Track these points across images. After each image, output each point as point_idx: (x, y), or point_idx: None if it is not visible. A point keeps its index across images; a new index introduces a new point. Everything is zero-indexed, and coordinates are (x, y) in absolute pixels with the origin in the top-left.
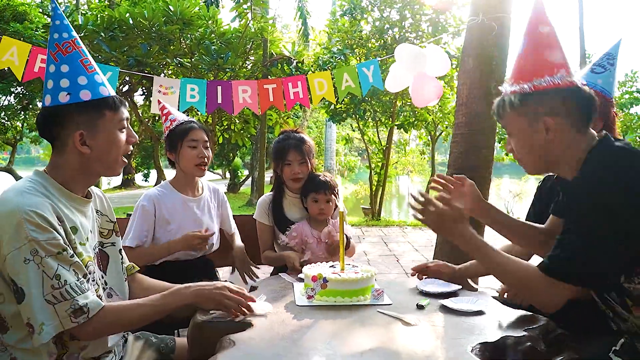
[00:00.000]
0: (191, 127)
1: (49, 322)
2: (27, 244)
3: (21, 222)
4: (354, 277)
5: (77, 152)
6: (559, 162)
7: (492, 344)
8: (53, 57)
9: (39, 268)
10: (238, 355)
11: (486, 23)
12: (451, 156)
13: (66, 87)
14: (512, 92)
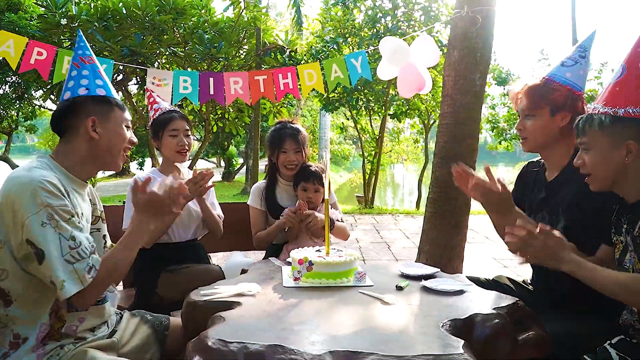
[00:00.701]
0: (172, 117)
1: (70, 279)
2: (44, 209)
3: (36, 190)
4: (337, 261)
5: (87, 138)
6: (625, 183)
7: (462, 320)
8: (76, 65)
9: (55, 231)
10: (227, 330)
11: (471, 16)
12: (437, 145)
13: (85, 84)
14: (603, 112)
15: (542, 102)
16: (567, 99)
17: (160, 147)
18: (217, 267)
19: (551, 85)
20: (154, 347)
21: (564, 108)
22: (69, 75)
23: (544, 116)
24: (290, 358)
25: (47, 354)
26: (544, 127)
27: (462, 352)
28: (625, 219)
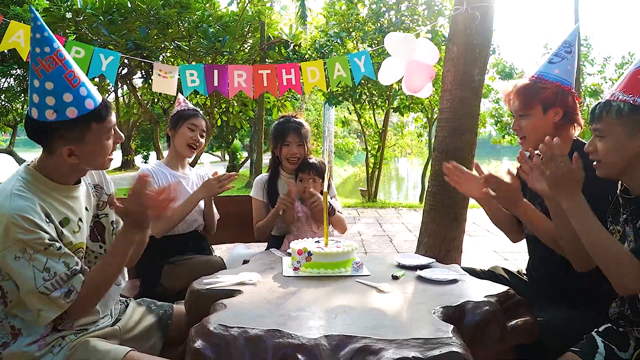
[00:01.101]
0: (195, 114)
1: (46, 308)
2: (15, 244)
3: (9, 225)
4: (336, 251)
5: (64, 160)
6: (633, 173)
7: (453, 307)
8: (37, 73)
9: (29, 264)
10: (228, 316)
11: (470, 12)
12: (436, 139)
13: (52, 105)
14: (622, 100)
15: (533, 101)
16: (557, 95)
17: (174, 137)
18: (219, 259)
19: (540, 83)
20: (156, 334)
21: (555, 104)
22: (31, 85)
23: (537, 114)
24: (288, 342)
25: (48, 344)
26: (538, 124)
27: (451, 336)
28: (626, 210)
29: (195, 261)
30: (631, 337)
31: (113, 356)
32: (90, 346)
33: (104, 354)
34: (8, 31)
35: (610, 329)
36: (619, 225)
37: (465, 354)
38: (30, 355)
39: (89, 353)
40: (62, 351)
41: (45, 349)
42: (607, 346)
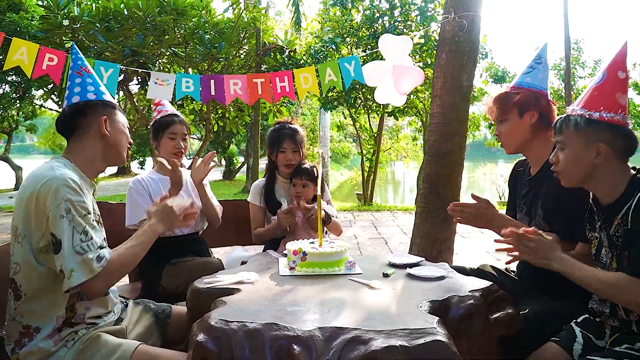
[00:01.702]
0: (172, 121)
1: (79, 269)
2: (64, 203)
3: (59, 186)
4: (329, 251)
5: (99, 136)
6: (595, 181)
7: (439, 301)
8: (78, 74)
9: (70, 224)
10: (228, 312)
11: (458, 21)
12: (427, 143)
13: (92, 90)
14: (579, 114)
15: (509, 105)
16: (531, 98)
17: (158, 147)
18: (218, 260)
19: (514, 90)
20: (155, 333)
21: (530, 107)
22: (73, 82)
23: (514, 118)
24: (285, 334)
25: (62, 339)
26: (516, 127)
27: (435, 327)
28: (599, 218)
29: (195, 262)
30: (607, 326)
31: (125, 350)
32: (102, 340)
33: (116, 346)
34: (11, 49)
35: (587, 320)
36: (595, 232)
37: (448, 342)
38: (46, 350)
39: (101, 346)
40: (76, 345)
41: (60, 343)
42: (584, 335)
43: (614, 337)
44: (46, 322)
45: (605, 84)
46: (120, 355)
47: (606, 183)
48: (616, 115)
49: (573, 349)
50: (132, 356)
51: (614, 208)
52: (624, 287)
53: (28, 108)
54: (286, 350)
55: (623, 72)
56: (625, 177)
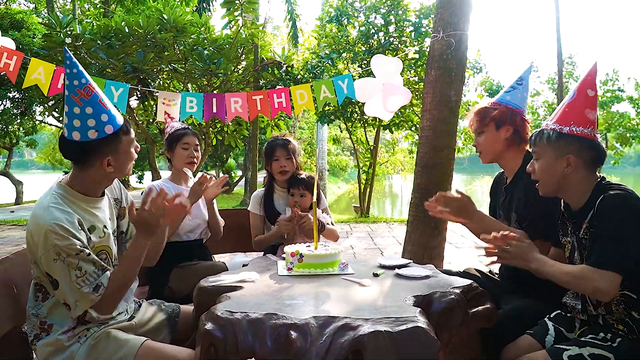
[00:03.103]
0: (185, 133)
1: (80, 300)
2: (52, 249)
3: (47, 233)
4: (324, 253)
5: (102, 170)
6: (567, 190)
7: (422, 296)
8: (76, 101)
9: (64, 264)
10: (232, 304)
11: (446, 40)
12: (418, 155)
13: (93, 125)
14: (552, 128)
15: (487, 119)
16: (507, 115)
17: (173, 158)
18: (222, 263)
19: (493, 106)
20: (165, 330)
21: (506, 122)
22: (71, 112)
23: (491, 131)
24: (283, 322)
25: (76, 335)
26: (492, 140)
27: (417, 316)
28: (570, 223)
29: (201, 265)
30: (577, 320)
31: (132, 345)
32: (111, 336)
33: (124, 342)
34: (30, 68)
35: (559, 315)
36: (568, 237)
37: (428, 329)
38: (61, 343)
39: (111, 342)
40: (88, 341)
41: (73, 339)
42: (556, 328)
43: (582, 329)
44: (64, 322)
45: (575, 101)
46: (127, 350)
47: (576, 191)
48: (585, 129)
49: (545, 341)
50: (139, 350)
51: (581, 213)
52: (587, 275)
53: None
54: (285, 336)
55: (592, 91)
56: (592, 185)
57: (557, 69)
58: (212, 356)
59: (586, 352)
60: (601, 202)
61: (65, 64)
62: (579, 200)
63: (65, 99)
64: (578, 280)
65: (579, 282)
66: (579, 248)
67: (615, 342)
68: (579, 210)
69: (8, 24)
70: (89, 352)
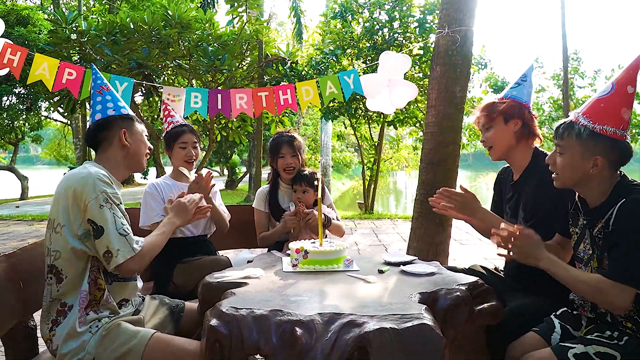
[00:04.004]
0: (182, 131)
1: (123, 248)
2: (101, 194)
3: (95, 180)
4: (329, 249)
5: (120, 146)
6: (586, 187)
7: (428, 293)
8: (99, 92)
9: (110, 211)
10: (237, 301)
11: (451, 36)
12: (423, 151)
13: (111, 106)
14: (583, 124)
15: (495, 113)
16: (515, 108)
17: (171, 156)
18: (226, 258)
19: (500, 100)
20: (170, 325)
21: (514, 116)
22: (95, 101)
23: (500, 124)
24: (288, 319)
25: (87, 323)
26: (501, 133)
27: (423, 313)
28: (584, 217)
29: (205, 260)
30: (584, 318)
31: (142, 336)
32: (122, 328)
33: (135, 333)
34: (34, 64)
35: (565, 312)
36: (577, 228)
37: (434, 326)
38: (74, 329)
39: (121, 333)
40: (99, 331)
41: (85, 327)
42: (563, 326)
43: (589, 327)
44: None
45: (612, 97)
46: (138, 342)
47: (595, 189)
48: (617, 130)
49: (551, 338)
50: (149, 342)
51: (598, 211)
52: (604, 288)
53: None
54: (290, 332)
55: (632, 87)
56: (613, 182)
57: (562, 64)
58: (217, 352)
59: (592, 350)
60: (623, 206)
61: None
62: (597, 198)
63: (91, 97)
64: (594, 291)
65: (595, 293)
66: (591, 245)
67: (622, 341)
68: (596, 207)
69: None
70: (100, 342)
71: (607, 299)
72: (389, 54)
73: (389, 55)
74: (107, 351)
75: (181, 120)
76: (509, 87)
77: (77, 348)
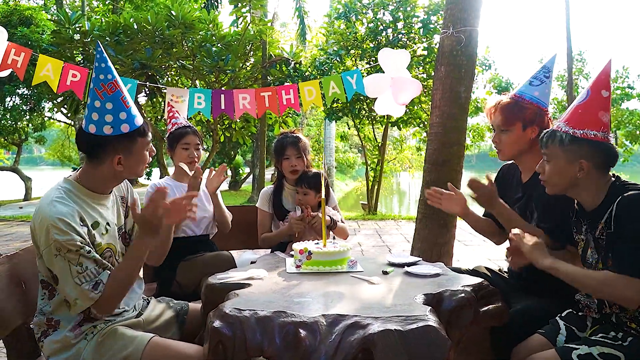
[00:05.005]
0: (185, 132)
1: (80, 297)
2: (53, 244)
3: (49, 227)
4: (333, 250)
5: (112, 168)
6: (579, 191)
7: (433, 294)
8: (98, 95)
9: (64, 259)
10: (241, 302)
11: (456, 36)
12: (427, 152)
13: (110, 121)
14: (564, 131)
15: (514, 118)
16: (536, 115)
17: (173, 157)
18: (228, 253)
19: (521, 102)
20: (174, 327)
21: (534, 123)
22: (92, 104)
23: (517, 130)
24: (292, 320)
25: (82, 332)
26: (517, 140)
27: (427, 314)
28: (585, 222)
29: (207, 256)
30: (588, 319)
31: (139, 341)
32: (118, 333)
33: (131, 339)
34: (38, 66)
35: (570, 314)
36: (582, 235)
37: (439, 327)
38: (68, 340)
39: (118, 339)
40: (95, 338)
41: (80, 336)
42: (568, 328)
43: (594, 328)
44: (71, 318)
45: (589, 103)
46: (134, 348)
47: (588, 192)
48: (598, 133)
49: (557, 340)
50: (146, 347)
51: (596, 214)
52: (613, 283)
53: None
54: (293, 334)
55: (606, 91)
56: (606, 185)
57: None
58: (220, 354)
59: (596, 351)
60: (620, 204)
61: (96, 57)
62: (593, 201)
63: (89, 92)
64: (602, 286)
65: (603, 288)
66: (596, 248)
67: (626, 341)
68: (593, 210)
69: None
70: (96, 349)
71: (616, 292)
72: (387, 50)
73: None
74: (104, 359)
75: (185, 122)
76: (530, 81)
77: (72, 356)
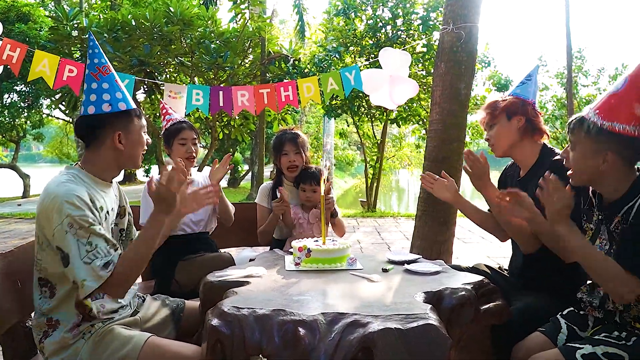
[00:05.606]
0: (182, 128)
1: (89, 277)
2: (66, 219)
3: (62, 203)
4: (332, 248)
5: (113, 148)
6: (602, 182)
7: (433, 292)
8: (94, 77)
9: (74, 237)
10: (239, 300)
11: (456, 32)
12: (427, 149)
13: (107, 99)
14: (593, 121)
15: (498, 110)
16: (518, 104)
17: (171, 153)
18: (228, 254)
19: (503, 98)
20: (170, 325)
21: (517, 112)
22: (89, 88)
23: (503, 121)
24: (291, 319)
25: (80, 332)
26: (505, 130)
27: (428, 312)
28: (600, 213)
29: (206, 257)
30: (590, 318)
31: (136, 341)
32: (115, 333)
33: (128, 339)
34: (34, 61)
35: (572, 312)
36: (592, 224)
37: (439, 326)
38: (66, 341)
39: (115, 338)
40: (92, 337)
41: (78, 336)
42: (569, 327)
43: (596, 328)
44: (70, 318)
45: (625, 93)
46: (132, 347)
47: (612, 184)
48: (628, 127)
49: (558, 339)
50: (143, 347)
51: (615, 206)
52: (623, 278)
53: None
54: (292, 333)
55: None
56: (630, 178)
57: (566, 63)
58: (218, 353)
59: (600, 351)
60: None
61: (89, 44)
62: (614, 193)
63: (85, 79)
64: (611, 277)
65: (611, 279)
66: (609, 240)
67: (630, 341)
68: (613, 203)
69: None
70: (93, 348)
71: (621, 289)
72: (388, 50)
73: (388, 52)
74: (101, 358)
75: (179, 117)
76: (514, 86)
77: (70, 355)
